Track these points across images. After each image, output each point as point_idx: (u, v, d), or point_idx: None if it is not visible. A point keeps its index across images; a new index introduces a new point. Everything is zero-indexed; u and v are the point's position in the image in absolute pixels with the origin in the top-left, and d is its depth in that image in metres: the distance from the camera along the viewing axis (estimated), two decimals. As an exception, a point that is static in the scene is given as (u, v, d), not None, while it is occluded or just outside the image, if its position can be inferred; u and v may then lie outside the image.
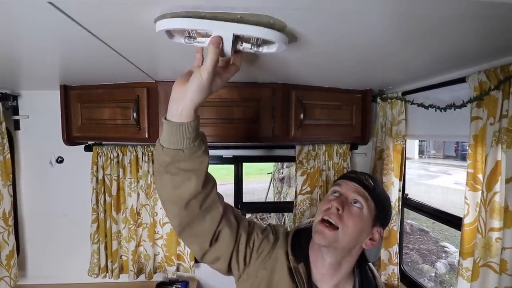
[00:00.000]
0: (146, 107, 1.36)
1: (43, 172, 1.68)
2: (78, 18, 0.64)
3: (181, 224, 0.75)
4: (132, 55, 0.95)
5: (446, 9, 0.59)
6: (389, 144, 1.55)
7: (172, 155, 0.67)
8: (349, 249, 0.80)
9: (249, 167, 11.31)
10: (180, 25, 0.58)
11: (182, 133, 0.66)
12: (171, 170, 0.68)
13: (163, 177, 0.70)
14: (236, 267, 0.83)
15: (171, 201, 0.72)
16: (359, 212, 0.78)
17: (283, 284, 0.79)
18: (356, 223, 0.77)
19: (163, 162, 0.68)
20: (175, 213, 0.73)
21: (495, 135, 0.95)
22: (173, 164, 0.68)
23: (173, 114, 0.66)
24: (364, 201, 0.79)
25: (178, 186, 0.70)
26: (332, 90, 1.53)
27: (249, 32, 0.61)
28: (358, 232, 0.78)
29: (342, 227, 0.76)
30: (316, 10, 0.59)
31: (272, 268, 0.82)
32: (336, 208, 0.77)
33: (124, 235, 1.63)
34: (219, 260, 0.81)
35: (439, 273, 4.76)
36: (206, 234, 0.77)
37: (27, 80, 1.37)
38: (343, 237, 0.76)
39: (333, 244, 0.77)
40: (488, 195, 0.97)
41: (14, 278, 1.56)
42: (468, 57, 0.99)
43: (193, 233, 0.76)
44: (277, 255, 0.83)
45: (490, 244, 0.97)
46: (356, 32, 0.72)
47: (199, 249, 0.79)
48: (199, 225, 0.75)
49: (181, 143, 0.67)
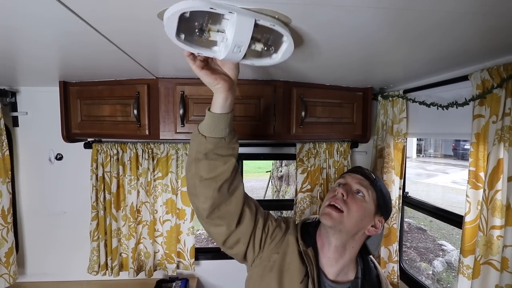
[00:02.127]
0: (146, 104, 1.35)
1: (42, 169, 1.67)
2: (80, 12, 0.63)
3: (213, 205, 0.80)
4: (133, 51, 0.94)
5: (448, 6, 0.59)
6: (390, 142, 1.55)
7: (215, 143, 0.76)
8: (353, 234, 0.87)
9: (247, 165, 11.31)
10: (202, 6, 0.53)
11: (225, 123, 0.75)
12: (211, 156, 0.76)
13: (199, 163, 0.77)
14: (252, 250, 0.88)
15: (204, 185, 0.78)
16: (361, 199, 0.86)
17: (294, 266, 0.85)
18: (359, 208, 0.85)
19: (204, 149, 0.76)
20: (208, 195, 0.78)
21: (498, 133, 0.95)
22: (214, 150, 0.76)
23: (217, 106, 0.74)
24: (366, 191, 0.87)
25: (214, 170, 0.77)
26: (334, 88, 1.52)
27: (269, 22, 0.59)
28: (361, 217, 0.85)
29: (346, 210, 0.84)
30: (319, 5, 0.58)
31: (284, 251, 0.88)
32: (342, 194, 0.86)
33: (124, 232, 1.62)
34: (239, 242, 0.86)
35: (436, 271, 4.78)
36: (233, 215, 0.84)
37: (26, 76, 1.35)
38: (348, 220, 0.84)
39: (338, 226, 0.84)
40: (490, 193, 0.97)
41: (13, 276, 1.55)
42: (470, 55, 0.99)
43: (221, 214, 0.82)
44: (288, 240, 0.90)
45: (491, 242, 0.97)
46: (357, 28, 0.72)
47: (225, 230, 0.83)
48: (226, 207, 0.82)
49: (224, 132, 0.76)
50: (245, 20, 0.57)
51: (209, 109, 0.76)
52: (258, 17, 0.58)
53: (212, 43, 0.62)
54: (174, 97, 1.34)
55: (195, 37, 0.60)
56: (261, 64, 0.70)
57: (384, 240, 1.58)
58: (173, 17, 0.55)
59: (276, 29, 0.61)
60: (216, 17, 0.58)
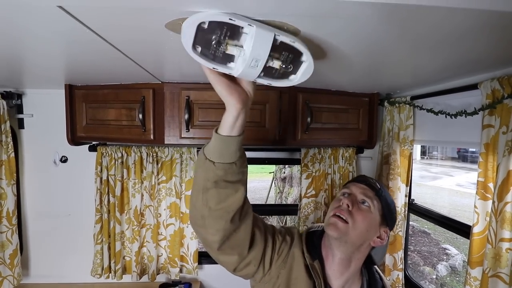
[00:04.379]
0: (151, 108, 1.34)
1: (47, 172, 1.67)
2: (88, 22, 0.62)
3: (224, 237, 0.73)
4: (139, 58, 0.94)
5: (460, 20, 0.58)
6: (396, 149, 1.54)
7: (225, 169, 0.66)
8: (358, 245, 0.85)
9: (250, 166, 11.28)
10: (221, 17, 0.52)
11: (236, 146, 0.66)
12: (220, 184, 0.67)
13: (208, 193, 0.68)
14: (261, 270, 0.84)
15: (214, 216, 0.70)
16: (367, 210, 0.84)
17: (301, 281, 0.83)
18: (364, 219, 0.83)
19: (214, 177, 0.67)
20: (219, 228, 0.71)
21: (508, 144, 0.93)
22: (224, 177, 0.67)
23: (227, 127, 0.65)
24: (371, 201, 0.85)
25: (224, 200, 0.69)
26: (339, 93, 1.51)
27: (288, 38, 0.57)
28: (366, 228, 0.83)
29: (352, 221, 0.82)
30: (328, 17, 0.57)
31: (290, 266, 0.85)
32: (347, 205, 0.83)
33: (128, 235, 1.62)
34: (249, 265, 0.82)
35: (440, 275, 4.75)
36: (244, 242, 0.78)
37: (32, 79, 1.36)
38: (353, 231, 0.82)
39: (343, 237, 0.82)
40: (499, 205, 0.95)
41: (17, 277, 1.55)
42: (480, 64, 0.97)
43: (232, 244, 0.76)
44: (294, 254, 0.87)
45: (500, 254, 0.95)
46: (367, 39, 0.71)
47: (237, 258, 0.79)
48: (236, 235, 0.76)
49: (235, 156, 0.67)
50: (264, 34, 0.55)
51: (216, 130, 0.67)
52: (278, 33, 0.56)
53: (228, 58, 0.59)
54: (180, 102, 1.33)
55: (212, 51, 0.57)
56: (278, 85, 0.66)
57: (389, 248, 1.56)
58: (191, 27, 0.53)
59: (296, 46, 0.58)
60: (234, 31, 0.56)
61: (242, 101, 0.64)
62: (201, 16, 0.52)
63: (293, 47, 0.59)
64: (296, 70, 0.64)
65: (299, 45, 0.59)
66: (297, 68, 0.64)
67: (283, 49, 0.59)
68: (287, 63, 0.62)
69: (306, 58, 0.62)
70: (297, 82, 0.66)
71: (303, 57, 0.62)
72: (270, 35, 0.55)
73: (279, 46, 0.58)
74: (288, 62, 0.62)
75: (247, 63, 0.57)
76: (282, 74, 0.64)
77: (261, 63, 0.58)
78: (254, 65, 0.58)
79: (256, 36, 0.55)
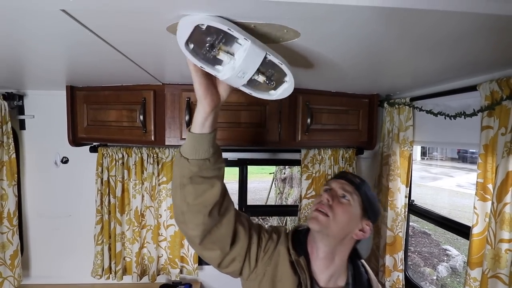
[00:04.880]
0: (152, 109, 1.35)
1: (48, 172, 1.68)
2: (90, 25, 0.63)
3: (204, 231, 0.76)
4: (140, 59, 0.95)
5: (458, 23, 0.58)
6: (396, 150, 1.54)
7: (199, 165, 0.71)
8: (340, 239, 0.87)
9: (251, 166, 11.28)
10: (220, 25, 0.54)
11: (208, 143, 0.71)
12: (196, 180, 0.71)
13: (185, 189, 0.72)
14: (247, 266, 0.86)
15: (193, 211, 0.74)
16: (347, 203, 0.87)
17: (286, 277, 0.85)
18: (344, 212, 0.85)
19: (188, 173, 0.71)
20: (198, 222, 0.75)
21: (507, 145, 0.94)
22: (198, 173, 0.71)
23: (197, 125, 0.70)
24: (351, 195, 0.87)
25: (201, 195, 0.73)
26: (339, 95, 1.52)
27: (277, 60, 0.61)
28: (347, 221, 0.86)
29: (332, 215, 0.84)
30: (328, 21, 0.58)
31: (275, 263, 0.87)
32: (327, 199, 0.86)
33: (128, 236, 1.62)
34: (234, 261, 0.84)
35: (440, 276, 4.74)
36: (226, 237, 0.80)
37: (34, 80, 1.37)
38: (334, 224, 0.84)
39: (325, 230, 0.84)
40: (498, 206, 0.96)
41: (18, 278, 1.56)
42: (479, 66, 0.98)
43: (213, 239, 0.79)
44: (279, 251, 0.89)
45: (499, 255, 0.96)
46: (366, 40, 0.71)
47: (220, 254, 0.81)
48: (217, 230, 0.78)
49: (208, 153, 0.71)
50: (257, 51, 0.58)
51: (189, 130, 0.72)
52: (270, 52, 0.60)
53: (217, 61, 0.61)
54: (180, 103, 1.34)
55: (203, 51, 0.59)
56: (258, 96, 0.70)
57: (389, 249, 1.57)
58: (189, 25, 0.54)
59: (283, 68, 0.62)
60: (229, 39, 0.58)
61: (213, 104, 0.68)
62: (201, 18, 0.54)
63: (280, 68, 0.63)
64: (277, 87, 0.69)
65: (285, 67, 0.63)
66: (278, 86, 0.69)
67: (270, 67, 0.64)
68: (271, 80, 0.66)
69: (288, 79, 0.67)
70: (275, 98, 0.71)
71: (286, 77, 0.67)
72: (262, 53, 0.59)
73: (267, 63, 0.62)
74: (272, 80, 0.66)
75: (235, 73, 0.61)
76: (263, 88, 0.69)
77: (248, 76, 0.62)
78: (241, 75, 0.62)
79: (249, 50, 0.58)
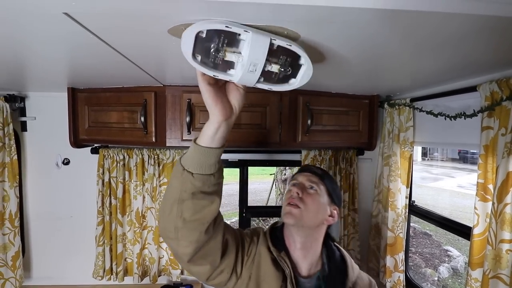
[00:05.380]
0: (153, 111, 1.36)
1: (49, 174, 1.68)
2: (92, 28, 0.64)
3: (197, 248, 0.72)
4: (142, 61, 0.95)
5: (460, 24, 0.59)
6: (397, 151, 1.54)
7: (204, 181, 0.66)
8: (314, 227, 0.92)
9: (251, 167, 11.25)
10: (217, 25, 0.54)
11: (215, 157, 0.67)
12: (198, 195, 0.67)
13: (183, 204, 0.67)
14: (234, 276, 0.85)
15: (189, 228, 0.69)
16: (315, 193, 0.92)
17: (269, 275, 0.86)
18: (313, 201, 0.91)
19: (191, 188, 0.66)
20: (193, 239, 0.70)
21: (507, 146, 0.94)
22: (201, 188, 0.67)
23: (206, 138, 0.66)
24: (317, 185, 0.93)
25: (200, 211, 0.68)
26: (340, 96, 1.52)
27: (285, 42, 0.58)
28: (317, 209, 0.91)
29: (303, 206, 0.89)
30: (327, 22, 0.58)
31: (258, 264, 0.88)
32: (297, 193, 0.91)
33: (129, 237, 1.63)
34: (223, 272, 0.82)
35: (442, 277, 4.73)
36: (216, 251, 0.78)
37: (35, 82, 1.37)
38: (306, 214, 0.89)
39: (299, 222, 0.88)
40: (499, 206, 0.96)
41: (19, 279, 1.56)
42: (479, 67, 0.98)
43: (203, 254, 0.75)
44: (260, 251, 0.90)
45: (500, 256, 0.96)
46: (367, 42, 0.72)
47: (209, 268, 0.78)
48: (208, 245, 0.75)
49: (214, 168, 0.67)
50: (260, 38, 0.57)
51: (195, 140, 0.67)
52: (274, 37, 0.58)
53: (228, 65, 0.60)
54: (181, 105, 1.35)
55: (211, 58, 0.58)
56: (279, 89, 0.66)
57: (389, 249, 1.57)
58: (190, 37, 0.55)
59: (293, 49, 0.59)
60: (232, 38, 0.57)
61: (225, 113, 0.64)
62: (199, 25, 0.54)
63: (290, 50, 0.60)
64: (296, 74, 0.65)
65: (296, 48, 0.60)
66: (296, 72, 0.65)
67: (281, 53, 0.61)
68: (286, 66, 0.62)
69: (304, 61, 0.63)
70: (297, 86, 0.66)
71: (301, 60, 0.63)
72: (267, 39, 0.57)
73: (277, 50, 0.60)
74: (287, 66, 0.63)
75: (246, 68, 0.59)
76: (281, 79, 0.65)
77: (259, 67, 0.59)
78: (253, 69, 0.59)
79: (253, 41, 0.56)
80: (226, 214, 7.05)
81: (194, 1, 0.49)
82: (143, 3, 0.50)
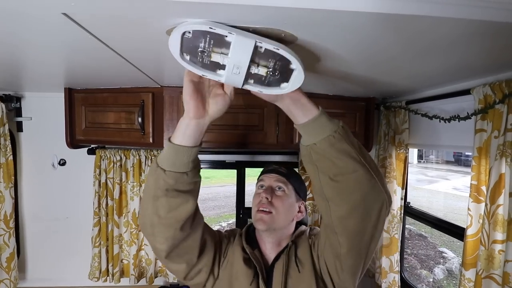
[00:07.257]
0: (151, 112, 1.36)
1: (45, 175, 1.68)
2: (91, 28, 0.64)
3: (173, 245, 0.74)
4: (140, 62, 0.96)
5: (452, 29, 0.60)
6: (392, 152, 1.56)
7: (176, 178, 0.67)
8: (285, 226, 0.94)
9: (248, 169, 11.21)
10: (201, 26, 0.54)
11: (188, 157, 0.67)
12: (171, 193, 0.68)
13: (158, 201, 0.69)
14: (212, 277, 0.87)
15: (164, 225, 0.71)
16: (283, 194, 0.94)
17: (241, 273, 0.86)
18: (283, 202, 0.92)
19: (164, 185, 0.67)
20: (168, 236, 0.72)
21: (500, 148, 0.95)
22: (174, 186, 0.67)
23: (178, 135, 0.67)
24: (284, 185, 0.95)
25: (175, 209, 0.70)
26: (336, 98, 1.53)
27: (270, 45, 0.57)
28: (287, 209, 0.93)
29: (274, 210, 0.90)
30: (325, 25, 0.59)
31: (231, 263, 0.89)
32: (266, 198, 0.91)
33: (126, 239, 1.62)
34: (200, 272, 0.85)
35: (437, 278, 4.76)
36: (193, 250, 0.80)
37: (31, 82, 1.37)
38: (278, 217, 0.90)
39: (272, 226, 0.90)
40: (492, 207, 0.97)
41: (14, 281, 1.55)
42: (473, 70, 1.00)
43: (181, 252, 0.77)
44: (234, 251, 0.92)
45: (493, 256, 0.97)
46: (363, 46, 0.73)
47: (186, 267, 0.81)
48: (185, 243, 0.76)
49: (187, 166, 0.67)
50: (244, 41, 0.56)
51: (169, 139, 0.68)
52: (261, 40, 0.57)
53: (217, 66, 0.60)
54: (179, 106, 1.35)
55: (199, 58, 0.59)
56: (269, 93, 0.65)
57: (385, 250, 1.58)
58: (176, 37, 0.55)
59: (281, 53, 0.58)
60: (220, 40, 0.57)
61: (196, 111, 0.65)
62: (183, 26, 0.54)
63: (280, 55, 0.59)
64: (288, 78, 0.63)
65: (285, 52, 0.58)
66: (288, 76, 0.63)
67: (270, 56, 0.59)
68: (275, 70, 0.61)
69: (295, 66, 0.61)
70: (288, 90, 0.65)
71: (292, 64, 0.61)
72: (251, 42, 0.56)
73: (265, 53, 0.59)
74: (276, 70, 0.61)
75: (230, 70, 0.59)
76: (273, 82, 0.64)
77: (243, 70, 0.59)
78: (236, 72, 0.59)
79: (236, 43, 0.56)
80: (223, 215, 7.04)
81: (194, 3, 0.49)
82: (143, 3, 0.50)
